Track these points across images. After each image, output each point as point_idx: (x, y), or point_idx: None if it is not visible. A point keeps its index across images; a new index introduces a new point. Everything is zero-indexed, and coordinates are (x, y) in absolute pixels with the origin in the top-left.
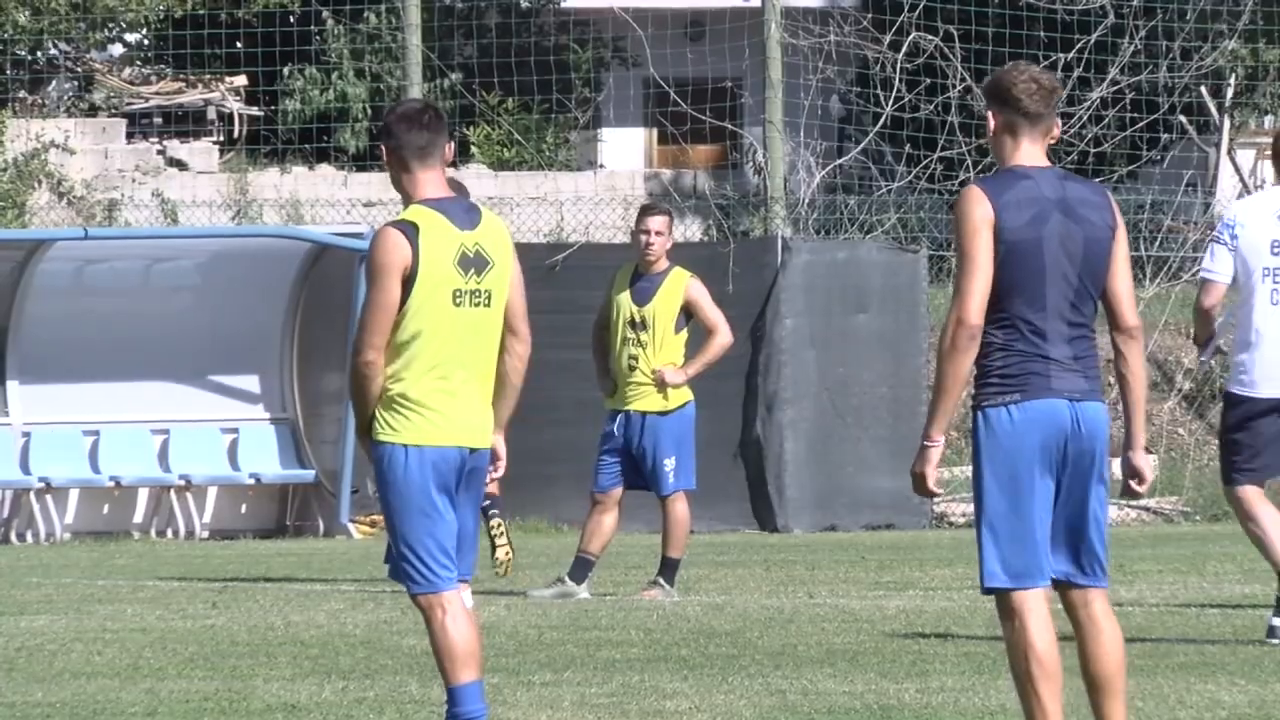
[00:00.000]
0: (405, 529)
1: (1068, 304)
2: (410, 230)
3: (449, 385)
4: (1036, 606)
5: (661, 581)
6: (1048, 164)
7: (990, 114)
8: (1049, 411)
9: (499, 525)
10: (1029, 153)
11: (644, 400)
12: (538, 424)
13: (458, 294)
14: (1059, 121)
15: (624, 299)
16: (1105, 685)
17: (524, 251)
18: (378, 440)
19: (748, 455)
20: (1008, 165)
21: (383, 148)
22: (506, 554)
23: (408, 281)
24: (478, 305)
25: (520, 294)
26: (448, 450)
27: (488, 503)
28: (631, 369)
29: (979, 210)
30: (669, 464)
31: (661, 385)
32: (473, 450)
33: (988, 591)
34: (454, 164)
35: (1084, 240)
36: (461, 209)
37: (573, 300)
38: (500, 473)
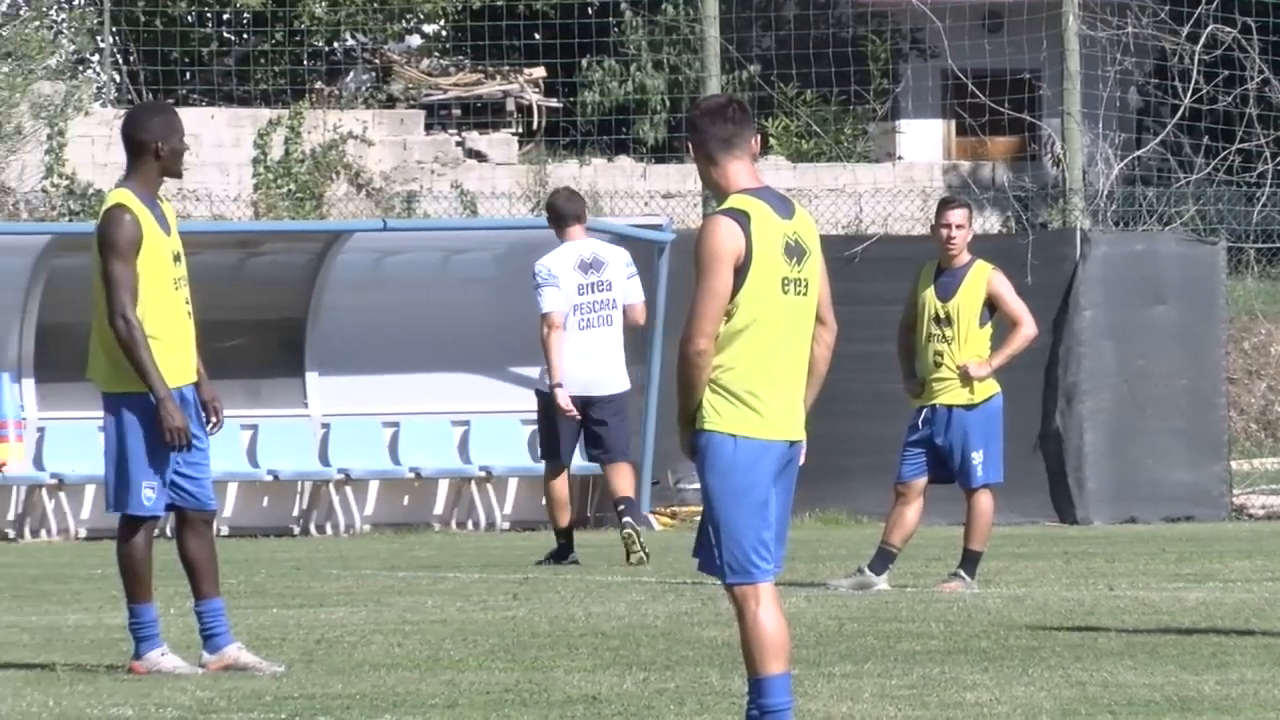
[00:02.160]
0: (728, 519)
1: None
2: (742, 218)
3: (774, 375)
4: None
5: (962, 574)
6: None
7: None
8: None
9: (631, 535)
10: None
11: (951, 394)
12: (835, 416)
13: (785, 282)
14: None
15: (928, 295)
16: None
17: (822, 244)
18: (705, 429)
19: (1047, 447)
20: None
21: (689, 143)
22: (639, 560)
23: (740, 270)
24: (800, 294)
25: (827, 283)
26: (773, 443)
27: (622, 508)
28: (937, 364)
29: None
30: (977, 457)
31: (967, 379)
32: (792, 443)
33: None
34: (757, 156)
35: None
36: (778, 198)
37: (871, 292)
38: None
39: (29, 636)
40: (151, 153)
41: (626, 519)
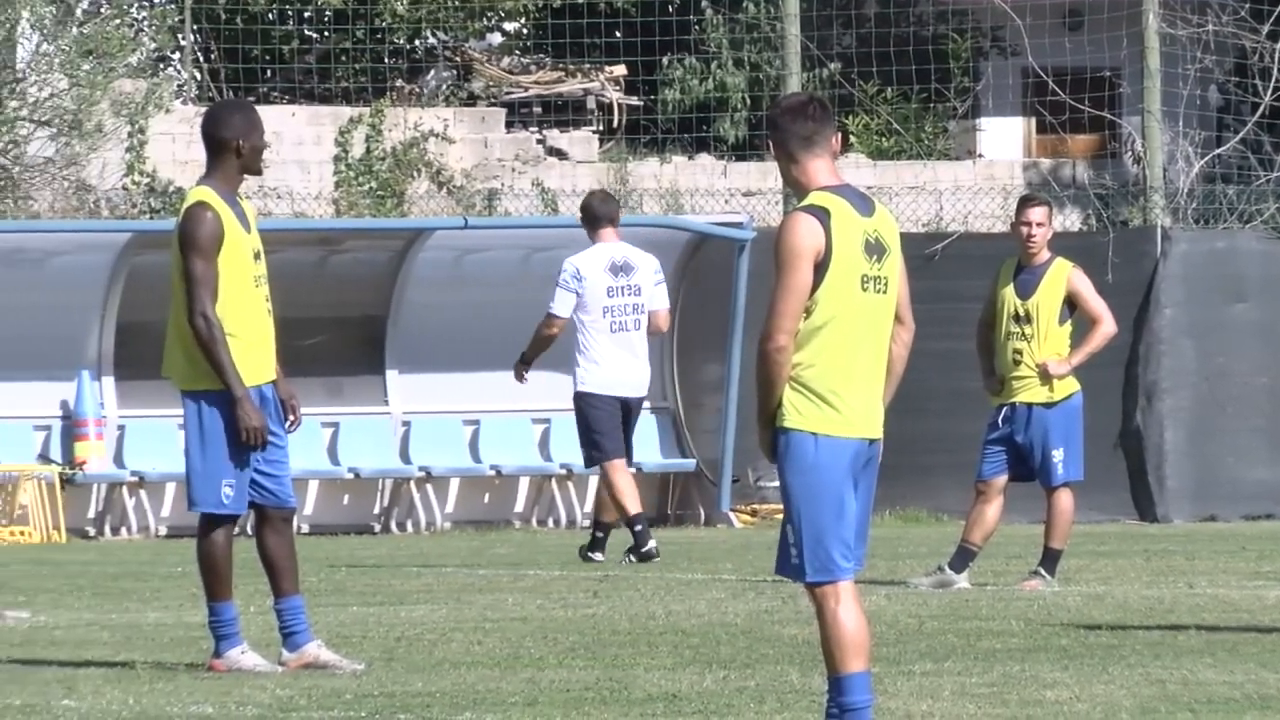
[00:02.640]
0: (808, 517)
1: None
2: (822, 215)
3: (854, 373)
4: None
5: (1042, 572)
6: None
7: None
8: None
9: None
10: None
11: (1030, 392)
12: (916, 414)
13: (864, 279)
14: None
15: (1008, 293)
16: None
17: (903, 241)
18: (785, 427)
19: (1128, 445)
20: None
21: (770, 141)
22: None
23: (820, 267)
24: (879, 292)
25: (906, 282)
26: (854, 441)
27: (639, 528)
28: (1017, 362)
29: None
30: (1057, 455)
31: (1047, 377)
32: (871, 441)
33: None
34: (838, 155)
35: None
36: (858, 196)
37: (951, 290)
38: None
39: (109, 634)
40: (232, 150)
41: (641, 539)
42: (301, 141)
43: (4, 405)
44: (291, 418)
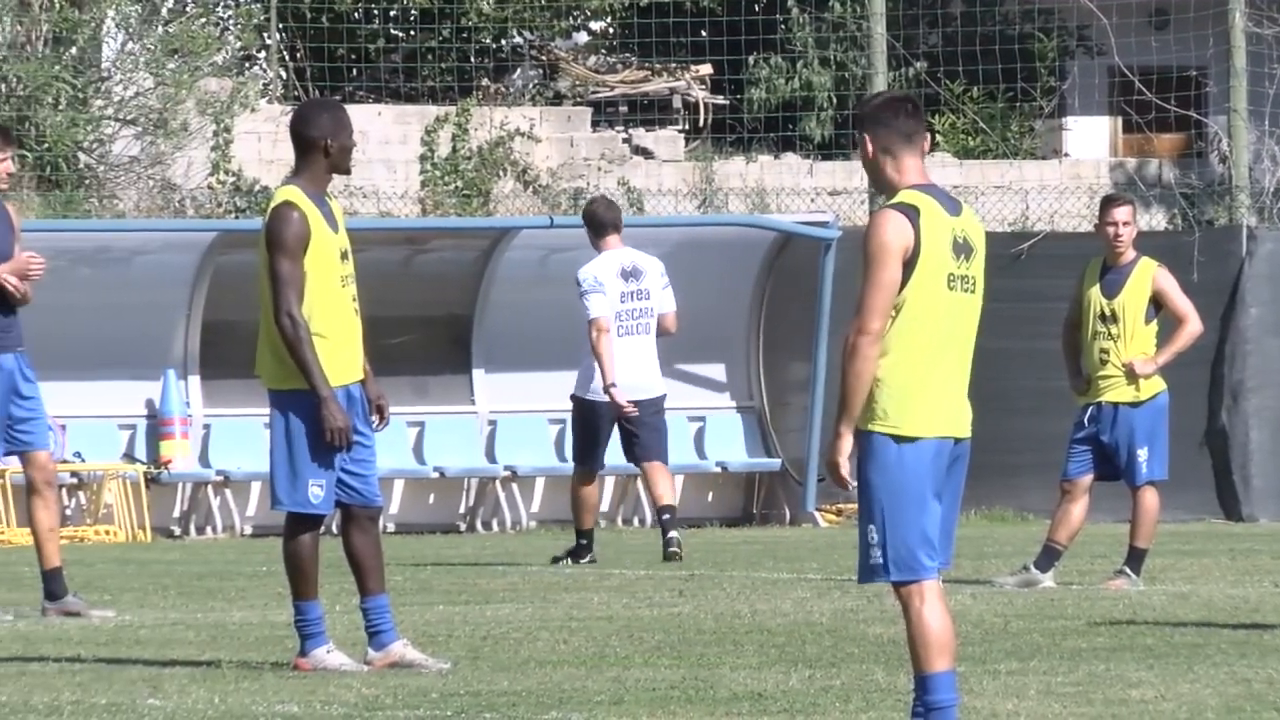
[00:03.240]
0: (893, 516)
1: None
2: (912, 213)
3: (941, 372)
4: None
5: (1128, 571)
6: None
7: None
8: None
9: (676, 551)
10: None
11: (1116, 392)
12: (1002, 413)
13: (951, 278)
14: None
15: (1094, 293)
16: None
17: (988, 240)
18: (870, 428)
19: (1213, 444)
20: None
21: (866, 134)
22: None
23: (908, 264)
24: (966, 291)
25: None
26: (937, 441)
27: (666, 517)
28: (1103, 362)
29: None
30: (1142, 454)
31: (1132, 376)
32: (957, 440)
33: None
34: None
35: None
36: (945, 195)
37: (1037, 289)
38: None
39: (194, 634)
40: (321, 150)
41: (671, 534)
42: (387, 141)
43: (90, 405)
44: (379, 417)
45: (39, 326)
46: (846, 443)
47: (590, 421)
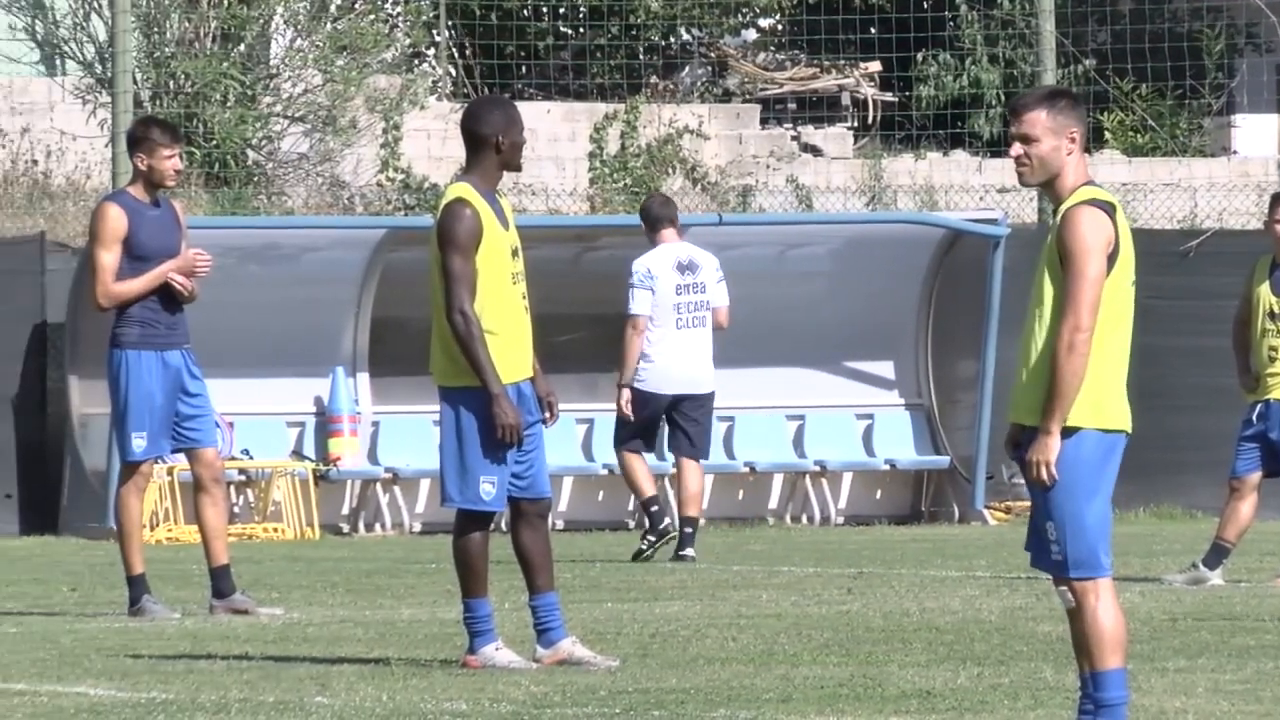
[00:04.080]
0: (1077, 512)
1: None
2: (1109, 209)
3: (1122, 367)
4: None
5: None
6: None
7: None
8: None
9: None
10: None
11: None
12: (1170, 410)
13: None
14: None
15: (1263, 291)
16: None
17: (1156, 238)
18: (1076, 426)
19: None
20: None
21: (1063, 122)
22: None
23: (1109, 260)
24: (1133, 288)
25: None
26: (1123, 436)
27: (689, 530)
28: (1272, 359)
29: None
30: None
31: None
32: (1127, 435)
33: None
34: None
35: None
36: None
37: (1204, 287)
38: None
39: (363, 631)
40: (492, 147)
41: (688, 551)
42: (556, 138)
43: (258, 402)
44: (549, 415)
45: (206, 323)
46: (1057, 441)
47: (641, 412)
